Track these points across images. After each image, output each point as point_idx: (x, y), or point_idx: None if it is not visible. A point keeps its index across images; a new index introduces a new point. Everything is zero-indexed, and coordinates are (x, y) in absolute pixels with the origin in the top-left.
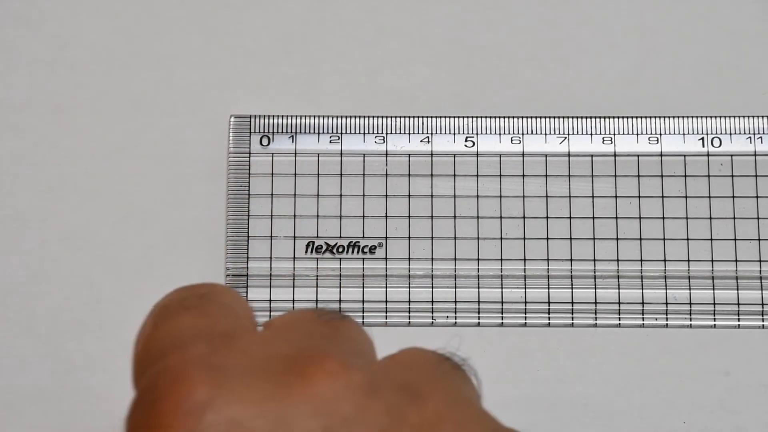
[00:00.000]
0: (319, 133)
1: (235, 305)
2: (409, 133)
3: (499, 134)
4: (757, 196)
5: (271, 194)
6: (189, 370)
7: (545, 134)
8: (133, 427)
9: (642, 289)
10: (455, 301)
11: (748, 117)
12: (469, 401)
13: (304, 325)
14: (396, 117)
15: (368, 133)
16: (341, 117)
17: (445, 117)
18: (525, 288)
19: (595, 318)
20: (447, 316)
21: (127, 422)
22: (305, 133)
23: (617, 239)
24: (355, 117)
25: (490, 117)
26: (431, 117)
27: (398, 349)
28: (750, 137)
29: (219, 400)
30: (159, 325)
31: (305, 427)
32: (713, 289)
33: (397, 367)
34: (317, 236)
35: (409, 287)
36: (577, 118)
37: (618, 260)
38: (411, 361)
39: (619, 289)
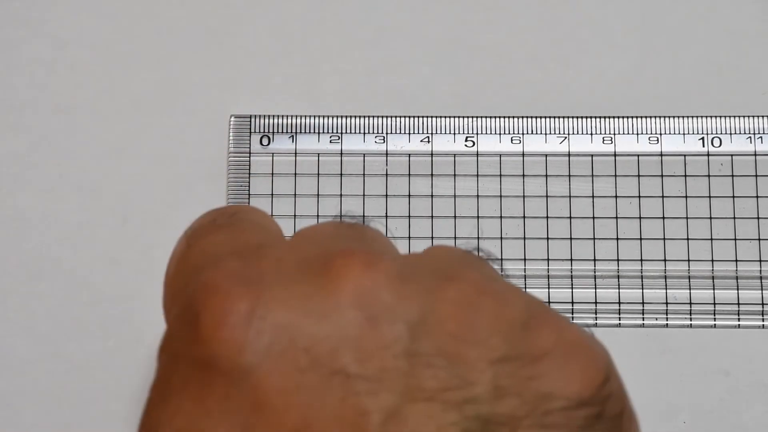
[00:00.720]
0: (319, 133)
1: (264, 222)
2: (409, 133)
3: (499, 134)
4: (757, 196)
5: (271, 194)
6: (226, 285)
7: (545, 134)
8: (179, 346)
9: (642, 289)
10: None
11: (748, 117)
12: (502, 278)
13: (329, 230)
14: (396, 117)
15: (368, 133)
16: (341, 117)
17: (445, 117)
18: (525, 288)
19: (595, 318)
20: None
21: (167, 342)
22: (305, 133)
23: (617, 239)
24: (355, 117)
25: (490, 117)
26: (431, 117)
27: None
28: (750, 137)
29: (261, 309)
30: (192, 244)
31: (349, 318)
32: (713, 289)
33: (424, 257)
34: None
35: None
36: (577, 118)
37: (618, 260)
38: (437, 253)
39: (619, 289)
